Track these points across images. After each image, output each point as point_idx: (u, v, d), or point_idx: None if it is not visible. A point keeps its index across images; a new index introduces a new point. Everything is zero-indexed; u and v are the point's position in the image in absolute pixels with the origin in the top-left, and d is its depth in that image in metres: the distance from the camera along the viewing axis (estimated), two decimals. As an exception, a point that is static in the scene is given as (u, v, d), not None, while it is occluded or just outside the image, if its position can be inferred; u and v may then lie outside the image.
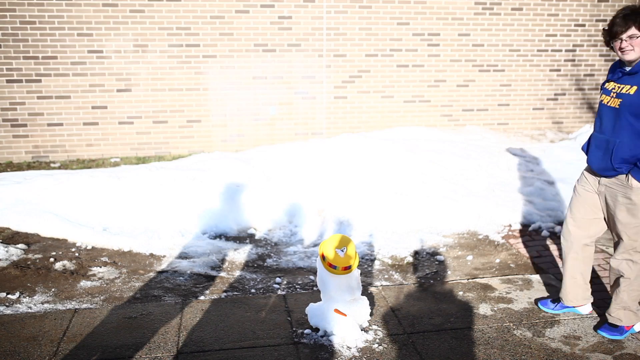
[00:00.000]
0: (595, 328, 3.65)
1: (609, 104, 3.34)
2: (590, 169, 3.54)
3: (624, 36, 3.17)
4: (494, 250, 4.92)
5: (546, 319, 3.77)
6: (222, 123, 7.90)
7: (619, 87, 3.30)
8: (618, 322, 3.55)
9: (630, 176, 3.28)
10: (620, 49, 3.21)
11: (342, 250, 3.41)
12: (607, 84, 3.41)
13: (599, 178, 3.48)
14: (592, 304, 3.92)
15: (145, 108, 7.66)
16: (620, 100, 3.26)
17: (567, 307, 3.82)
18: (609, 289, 4.17)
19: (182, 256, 4.79)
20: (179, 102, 7.72)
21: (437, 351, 3.42)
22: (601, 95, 3.42)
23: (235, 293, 4.18)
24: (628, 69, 3.27)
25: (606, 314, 3.62)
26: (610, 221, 3.50)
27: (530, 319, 3.77)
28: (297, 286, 4.29)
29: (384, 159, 6.41)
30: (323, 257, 3.41)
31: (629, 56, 3.20)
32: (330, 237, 3.51)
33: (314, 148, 6.85)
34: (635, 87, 3.19)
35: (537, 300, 4.01)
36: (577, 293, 3.74)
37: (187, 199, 5.51)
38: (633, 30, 3.15)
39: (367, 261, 4.74)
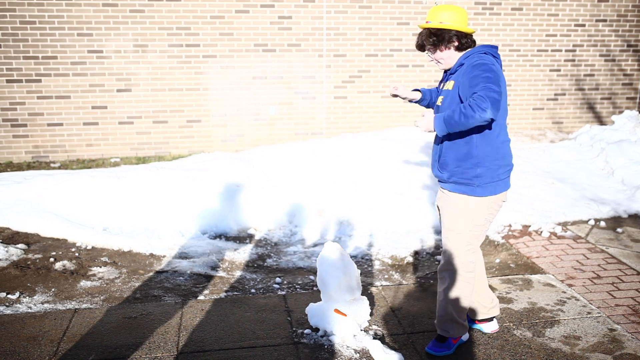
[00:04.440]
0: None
1: (437, 103, 3.34)
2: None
3: (429, 55, 3.27)
4: (494, 250, 4.92)
5: (546, 319, 3.77)
6: (222, 123, 7.90)
7: (443, 85, 3.32)
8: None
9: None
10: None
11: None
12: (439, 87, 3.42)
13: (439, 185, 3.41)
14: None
15: (145, 108, 7.66)
16: (442, 97, 3.27)
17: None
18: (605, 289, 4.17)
19: (182, 256, 4.79)
20: (179, 102, 7.73)
21: (437, 351, 3.41)
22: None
23: (235, 293, 4.18)
24: (449, 71, 3.29)
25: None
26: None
27: (530, 319, 3.77)
28: (297, 286, 4.29)
29: (384, 159, 6.41)
30: None
31: (441, 67, 3.28)
32: None
33: (314, 148, 6.85)
34: (452, 82, 3.20)
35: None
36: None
37: (187, 199, 5.51)
38: (430, 53, 3.23)
39: (367, 261, 4.74)
